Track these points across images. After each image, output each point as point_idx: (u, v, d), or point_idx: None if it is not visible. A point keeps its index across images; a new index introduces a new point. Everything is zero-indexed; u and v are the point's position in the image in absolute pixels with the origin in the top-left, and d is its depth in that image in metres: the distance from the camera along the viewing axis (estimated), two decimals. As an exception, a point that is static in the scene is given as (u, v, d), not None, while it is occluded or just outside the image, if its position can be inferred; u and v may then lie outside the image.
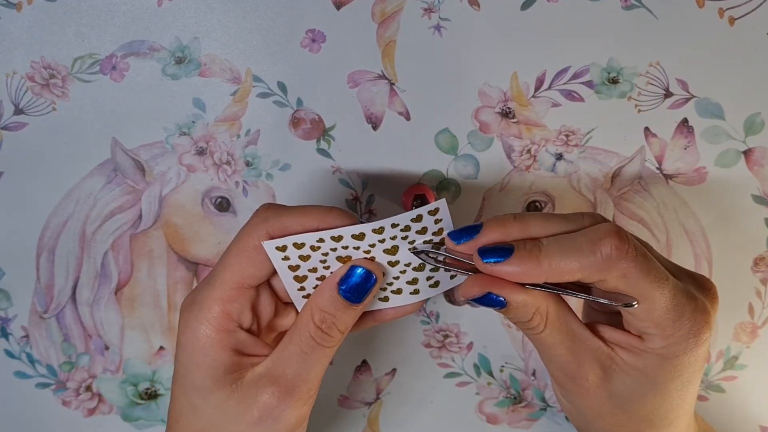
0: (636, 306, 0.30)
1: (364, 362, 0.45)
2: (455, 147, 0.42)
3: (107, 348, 0.44)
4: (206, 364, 0.32)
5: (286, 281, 0.33)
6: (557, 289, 0.31)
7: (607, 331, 0.33)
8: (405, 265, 0.34)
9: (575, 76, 0.40)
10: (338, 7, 0.39)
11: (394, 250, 0.33)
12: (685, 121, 0.41)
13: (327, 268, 0.33)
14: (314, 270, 0.33)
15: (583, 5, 0.39)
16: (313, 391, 0.33)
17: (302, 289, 0.34)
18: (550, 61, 0.40)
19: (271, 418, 0.32)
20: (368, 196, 0.42)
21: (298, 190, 0.42)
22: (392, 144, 0.41)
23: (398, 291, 0.35)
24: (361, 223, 0.32)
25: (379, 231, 0.32)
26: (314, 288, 0.34)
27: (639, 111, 0.41)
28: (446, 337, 0.45)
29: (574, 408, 0.35)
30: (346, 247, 0.32)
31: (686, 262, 0.43)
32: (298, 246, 0.32)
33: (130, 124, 0.41)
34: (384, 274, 0.33)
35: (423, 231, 0.32)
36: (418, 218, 0.32)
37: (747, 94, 0.41)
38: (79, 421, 0.45)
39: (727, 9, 0.40)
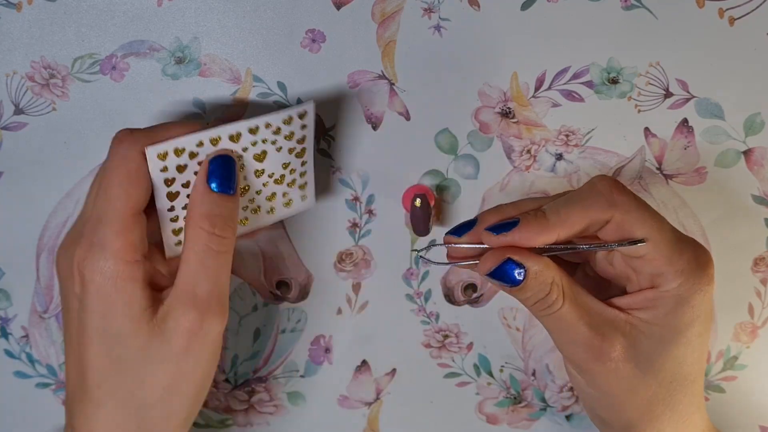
0: (646, 243, 0.31)
1: (364, 362, 0.45)
2: (455, 147, 0.42)
3: (107, 348, 0.44)
4: (122, 304, 0.31)
5: (159, 197, 0.34)
6: (570, 247, 0.32)
7: (617, 301, 0.33)
8: (269, 176, 0.37)
9: (575, 76, 0.41)
10: (338, 7, 0.39)
11: (262, 155, 0.35)
12: (685, 121, 0.41)
13: None
14: (187, 185, 0.34)
15: (583, 5, 0.39)
16: (227, 300, 0.33)
17: (172, 209, 0.35)
18: (550, 62, 0.40)
19: (198, 342, 0.32)
20: (368, 196, 0.42)
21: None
22: (392, 144, 0.41)
23: (256, 210, 0.38)
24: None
25: (254, 131, 0.34)
26: (183, 208, 0.35)
27: (639, 111, 0.41)
28: (446, 337, 0.45)
29: (601, 393, 0.34)
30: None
31: (686, 262, 0.43)
32: (179, 152, 0.33)
33: (130, 124, 0.41)
34: (239, 158, 0.35)
35: (290, 136, 0.35)
36: (289, 120, 0.35)
37: (747, 94, 0.41)
38: (79, 421, 0.45)
39: (727, 9, 0.40)
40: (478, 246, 0.32)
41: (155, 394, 0.32)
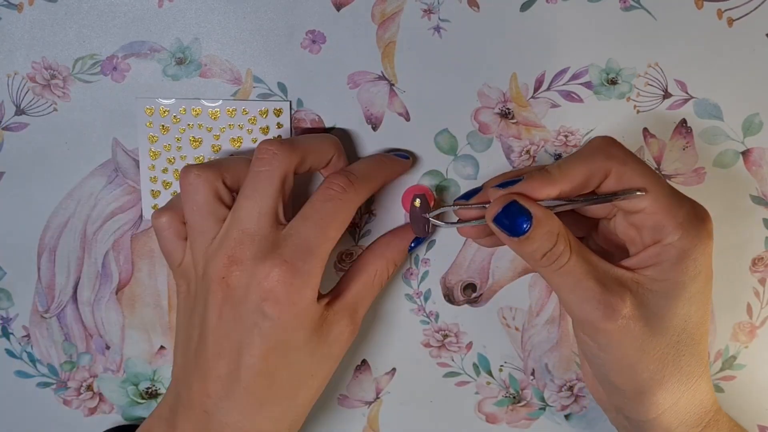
0: (645, 194, 0.33)
1: (364, 362, 0.45)
2: (455, 147, 0.42)
3: (108, 347, 0.44)
4: (306, 321, 0.34)
5: (143, 154, 0.39)
6: (573, 200, 0.33)
7: (623, 263, 0.34)
8: None
9: (574, 77, 0.41)
10: (338, 8, 0.40)
11: (239, 141, 0.39)
12: (683, 121, 0.41)
13: (179, 149, 0.40)
14: (168, 147, 0.39)
15: (582, 6, 0.40)
16: None
17: (153, 168, 0.40)
18: (549, 62, 0.40)
19: (345, 348, 0.37)
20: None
21: (298, 190, 0.42)
22: (392, 144, 0.42)
23: None
24: None
25: (232, 113, 0.39)
26: (163, 171, 0.40)
27: (638, 112, 0.41)
28: (446, 336, 0.45)
29: (613, 357, 0.34)
30: (201, 126, 0.40)
31: (685, 262, 0.43)
32: (163, 112, 0.38)
33: (131, 125, 0.41)
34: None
35: (265, 130, 0.39)
36: (264, 112, 0.39)
37: (745, 95, 0.41)
38: (79, 421, 0.46)
39: (726, 10, 0.40)
40: (485, 206, 0.34)
41: (310, 393, 0.36)
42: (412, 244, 0.40)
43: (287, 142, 0.35)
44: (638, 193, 0.33)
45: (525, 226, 0.32)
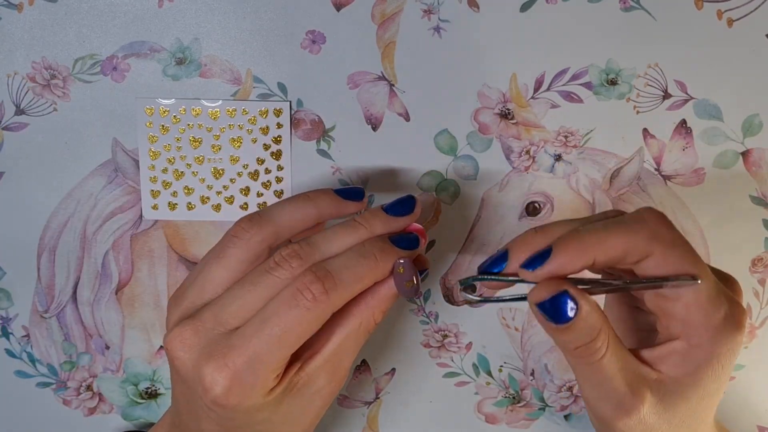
0: (701, 282, 0.29)
1: (364, 362, 0.45)
2: (454, 148, 0.42)
3: (108, 347, 0.44)
4: (265, 403, 0.31)
5: (142, 153, 0.39)
6: (620, 286, 0.30)
7: (645, 354, 0.31)
8: (243, 166, 0.40)
9: (574, 77, 0.41)
10: (338, 8, 0.40)
11: (239, 141, 0.39)
12: (683, 122, 0.41)
13: (179, 149, 0.40)
14: (167, 147, 0.39)
15: (582, 7, 0.40)
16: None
17: (152, 168, 0.39)
18: (549, 63, 0.40)
19: (330, 400, 0.34)
20: (368, 197, 0.42)
21: (298, 190, 0.42)
22: (392, 145, 0.42)
23: (230, 199, 0.41)
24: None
25: (232, 113, 0.39)
26: (163, 171, 0.40)
27: (638, 112, 0.41)
28: (445, 336, 0.45)
29: None
30: (200, 126, 0.40)
31: (684, 262, 0.43)
32: (163, 112, 0.37)
33: (131, 125, 0.41)
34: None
35: (265, 130, 0.39)
36: (264, 112, 0.38)
37: (745, 96, 0.41)
38: (79, 421, 0.46)
39: (726, 11, 0.40)
40: (515, 279, 0.30)
41: None
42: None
43: (257, 219, 0.33)
44: (691, 281, 0.29)
45: (570, 315, 0.28)
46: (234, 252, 0.32)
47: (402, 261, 0.32)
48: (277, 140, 0.41)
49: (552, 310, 0.29)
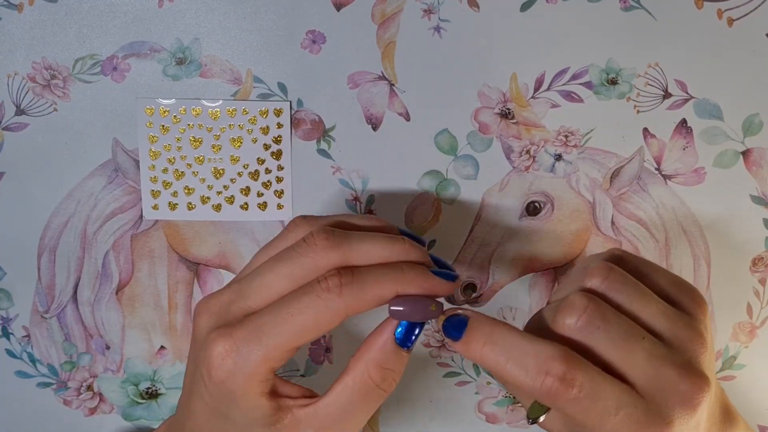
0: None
1: (364, 362, 0.45)
2: (455, 147, 0.42)
3: (108, 347, 0.44)
4: (247, 408, 0.30)
5: (142, 154, 0.39)
6: None
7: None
8: (243, 166, 0.40)
9: (574, 77, 0.41)
10: (338, 8, 0.40)
11: (239, 141, 0.39)
12: (683, 121, 0.41)
13: (179, 149, 0.40)
14: (168, 147, 0.39)
15: (582, 6, 0.40)
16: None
17: (153, 168, 0.40)
18: (550, 62, 0.40)
19: None
20: (368, 196, 0.42)
21: (298, 190, 0.42)
22: (392, 144, 0.42)
23: (231, 199, 0.41)
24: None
25: (232, 113, 0.39)
26: (163, 171, 0.40)
27: (638, 112, 0.41)
28: (446, 336, 0.45)
29: None
30: (201, 126, 0.40)
31: (685, 262, 0.43)
32: (164, 112, 0.37)
33: (131, 125, 0.41)
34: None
35: (265, 130, 0.39)
36: (264, 112, 0.38)
37: (745, 95, 0.41)
38: (79, 421, 0.46)
39: (726, 10, 0.40)
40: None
41: None
42: (399, 335, 0.31)
43: (337, 239, 0.30)
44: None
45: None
46: (299, 262, 0.30)
47: (438, 301, 0.31)
48: (278, 140, 0.41)
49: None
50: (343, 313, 0.29)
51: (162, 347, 0.44)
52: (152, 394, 0.45)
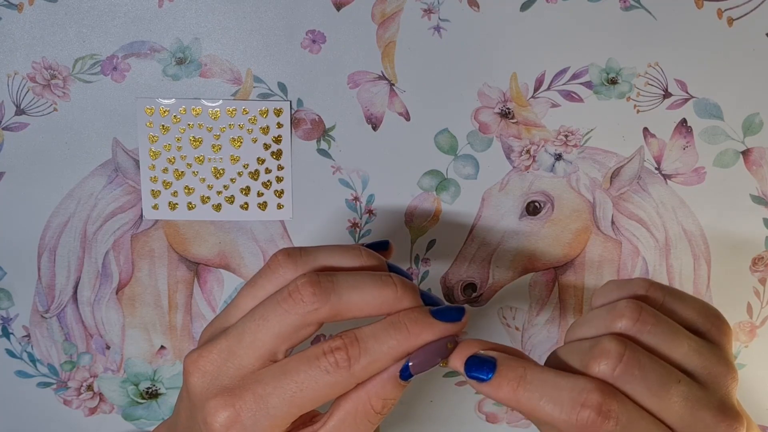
0: None
1: (364, 362, 0.45)
2: (455, 147, 0.42)
3: (108, 347, 0.44)
4: None
5: (142, 153, 0.40)
6: None
7: None
8: (243, 166, 0.41)
9: (574, 76, 0.41)
10: (338, 8, 0.40)
11: (239, 141, 0.39)
12: (683, 121, 0.41)
13: (179, 149, 0.40)
14: (168, 147, 0.40)
15: (582, 6, 0.40)
16: None
17: (153, 168, 0.40)
18: (550, 62, 0.40)
19: None
20: (368, 196, 0.42)
21: (298, 190, 0.42)
22: (392, 144, 0.42)
23: (231, 198, 0.41)
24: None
25: (232, 112, 0.39)
26: (163, 171, 0.40)
27: (638, 111, 0.41)
28: (446, 336, 0.45)
29: None
30: (201, 126, 0.40)
31: (685, 261, 0.43)
32: (164, 112, 0.37)
33: (131, 125, 0.41)
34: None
35: (265, 130, 0.39)
36: (264, 112, 0.39)
37: (746, 95, 0.41)
38: (80, 421, 0.46)
39: (726, 10, 0.40)
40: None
41: None
42: (406, 370, 0.30)
43: (323, 288, 0.29)
44: None
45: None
46: (287, 321, 0.29)
47: (455, 339, 0.30)
48: (278, 140, 0.41)
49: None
50: (353, 385, 0.29)
51: (162, 347, 0.44)
52: (152, 394, 0.45)
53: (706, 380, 0.29)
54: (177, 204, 0.42)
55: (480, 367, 0.30)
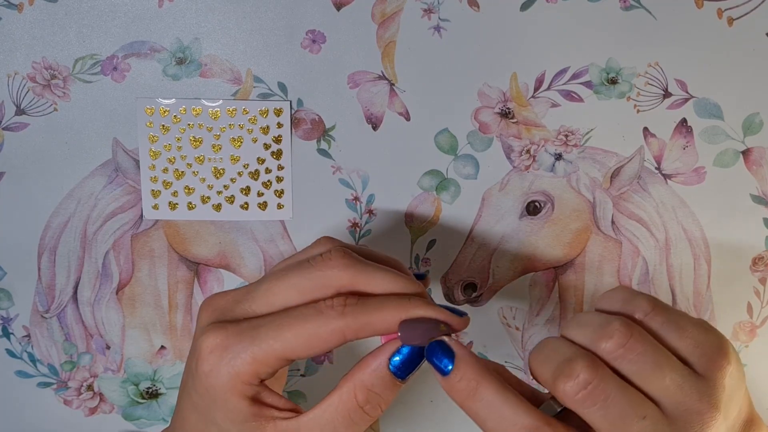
0: None
1: (364, 361, 0.45)
2: (455, 147, 0.42)
3: (108, 347, 0.44)
4: (227, 408, 0.30)
5: (142, 153, 0.40)
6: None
7: None
8: (243, 166, 0.41)
9: (574, 76, 0.41)
10: (338, 8, 0.40)
11: (239, 141, 0.39)
12: (683, 121, 0.41)
13: (180, 149, 0.40)
14: (168, 147, 0.40)
15: (582, 6, 0.40)
16: None
17: (153, 168, 0.40)
18: (550, 62, 0.40)
19: None
20: (368, 196, 0.42)
21: (298, 189, 0.42)
22: (392, 144, 0.42)
23: (231, 198, 0.41)
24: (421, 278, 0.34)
25: (232, 112, 0.39)
26: (163, 171, 0.40)
27: (638, 111, 0.41)
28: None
29: None
30: (201, 126, 0.40)
31: (685, 261, 0.43)
32: (164, 112, 0.37)
33: (131, 125, 0.41)
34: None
35: (266, 130, 0.39)
36: (265, 112, 0.39)
37: (746, 94, 0.41)
38: (80, 421, 0.46)
39: (726, 9, 0.40)
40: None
41: None
42: (396, 361, 0.30)
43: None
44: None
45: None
46: (308, 275, 0.30)
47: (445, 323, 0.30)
48: (278, 140, 0.41)
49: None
50: (341, 334, 0.29)
51: (162, 347, 0.44)
52: (152, 394, 0.45)
53: (678, 417, 0.28)
54: (177, 204, 0.42)
55: (441, 355, 0.30)
